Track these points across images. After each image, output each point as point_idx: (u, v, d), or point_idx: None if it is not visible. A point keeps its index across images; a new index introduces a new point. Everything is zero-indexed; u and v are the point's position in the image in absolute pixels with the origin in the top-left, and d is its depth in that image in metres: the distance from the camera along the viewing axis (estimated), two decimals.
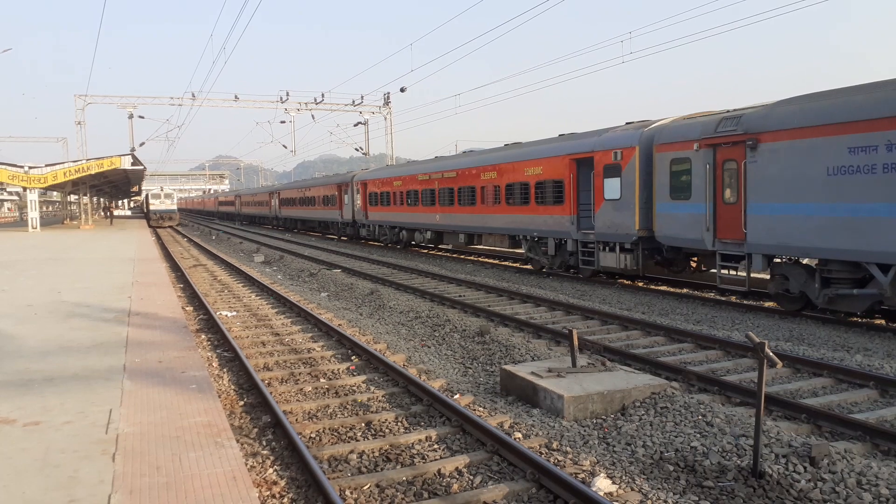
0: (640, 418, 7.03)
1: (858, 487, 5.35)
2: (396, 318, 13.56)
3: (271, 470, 5.93)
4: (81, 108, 46.68)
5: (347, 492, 5.51)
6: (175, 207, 63.86)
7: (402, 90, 41.52)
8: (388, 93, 51.83)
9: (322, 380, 9.04)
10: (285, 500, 5.38)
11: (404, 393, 8.24)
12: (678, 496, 5.38)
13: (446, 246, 29.73)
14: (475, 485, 5.66)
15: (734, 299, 14.49)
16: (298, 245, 34.76)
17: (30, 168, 35.51)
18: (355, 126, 52.56)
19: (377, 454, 6.36)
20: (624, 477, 5.74)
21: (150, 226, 56.59)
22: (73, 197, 65.92)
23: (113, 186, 60.18)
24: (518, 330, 11.85)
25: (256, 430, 6.96)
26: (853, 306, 11.51)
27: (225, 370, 9.47)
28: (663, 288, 16.58)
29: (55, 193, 77.87)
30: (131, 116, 47.15)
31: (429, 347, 11.15)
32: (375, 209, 32.86)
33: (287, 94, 48.44)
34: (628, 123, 17.17)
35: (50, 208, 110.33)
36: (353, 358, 10.08)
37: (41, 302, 12.74)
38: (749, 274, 13.03)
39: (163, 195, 62.58)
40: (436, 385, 8.65)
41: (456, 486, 5.62)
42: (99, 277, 16.53)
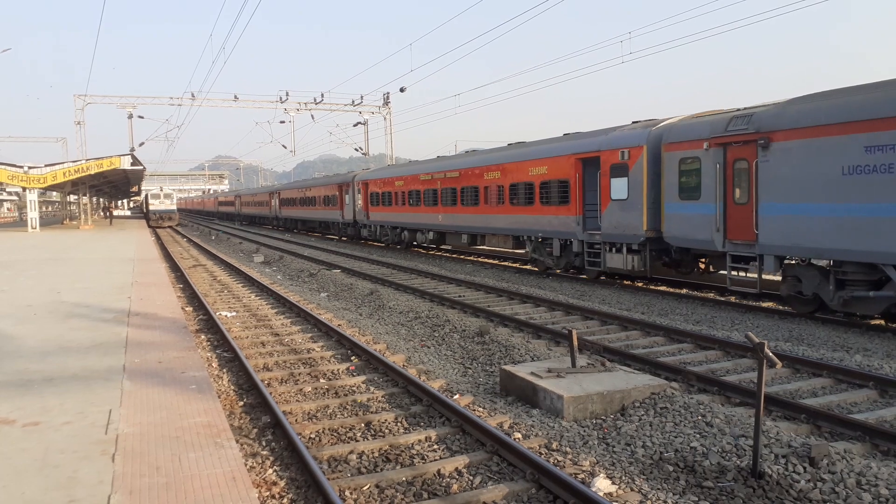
0: (640, 418, 7.03)
1: (858, 487, 5.35)
2: (396, 319, 13.56)
3: (271, 470, 5.93)
4: (81, 108, 46.72)
5: (347, 492, 5.52)
6: (174, 207, 63.85)
7: (402, 90, 41.52)
8: (388, 93, 51.91)
9: (322, 380, 9.04)
10: (285, 501, 5.38)
11: (404, 393, 8.24)
12: (678, 496, 5.38)
13: (447, 247, 29.67)
14: (475, 485, 5.66)
15: (733, 299, 14.48)
16: (298, 245, 34.76)
17: (29, 168, 35.51)
18: (355, 126, 52.60)
19: (377, 454, 6.36)
20: (623, 477, 5.74)
21: (150, 226, 56.54)
22: (73, 197, 65.91)
23: (112, 186, 60.19)
24: (518, 330, 11.85)
25: (256, 431, 6.96)
26: (869, 309, 11.23)
27: (224, 370, 9.47)
28: (663, 288, 16.57)
29: (55, 193, 77.88)
30: (131, 116, 47.19)
31: (428, 348, 11.15)
32: (377, 209, 32.77)
33: (287, 94, 48.52)
34: (635, 122, 16.95)
35: (49, 208, 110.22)
36: (353, 358, 10.08)
37: (41, 302, 12.74)
38: (760, 276, 12.79)
39: (162, 195, 62.56)
40: (435, 385, 8.65)
41: (455, 487, 5.62)
42: (98, 277, 16.53)
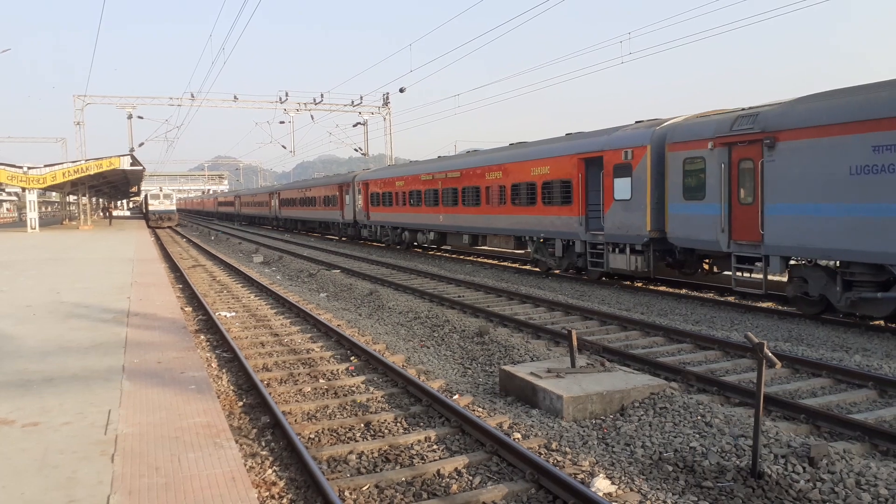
0: (639, 419, 7.03)
1: (857, 487, 5.36)
2: (395, 319, 13.56)
3: (270, 471, 5.93)
4: (80, 109, 46.72)
5: (346, 492, 5.52)
6: (174, 208, 63.81)
7: (402, 90, 41.52)
8: (388, 93, 51.93)
9: (321, 380, 9.04)
10: (284, 501, 5.38)
11: (403, 393, 8.24)
12: (677, 496, 5.38)
13: (448, 247, 29.64)
14: (474, 485, 5.66)
15: (733, 300, 14.47)
16: (298, 246, 34.76)
17: (29, 168, 35.49)
18: (354, 126, 52.61)
19: (376, 455, 6.36)
20: (623, 477, 5.74)
21: (149, 226, 56.52)
22: (72, 197, 65.85)
23: (112, 187, 60.18)
24: (517, 330, 11.85)
25: (255, 431, 6.96)
26: (877, 310, 11.12)
27: (224, 371, 9.47)
28: (662, 288, 16.57)
29: (54, 194, 77.82)
30: (130, 117, 47.20)
31: (428, 348, 11.14)
32: (377, 209, 32.73)
33: (286, 95, 48.54)
34: (638, 122, 16.85)
35: (49, 209, 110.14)
36: (353, 358, 10.08)
37: (40, 302, 12.73)
38: (766, 276, 12.72)
39: (162, 195, 62.53)
40: (435, 385, 8.65)
41: (455, 487, 5.62)
42: (98, 278, 16.52)
